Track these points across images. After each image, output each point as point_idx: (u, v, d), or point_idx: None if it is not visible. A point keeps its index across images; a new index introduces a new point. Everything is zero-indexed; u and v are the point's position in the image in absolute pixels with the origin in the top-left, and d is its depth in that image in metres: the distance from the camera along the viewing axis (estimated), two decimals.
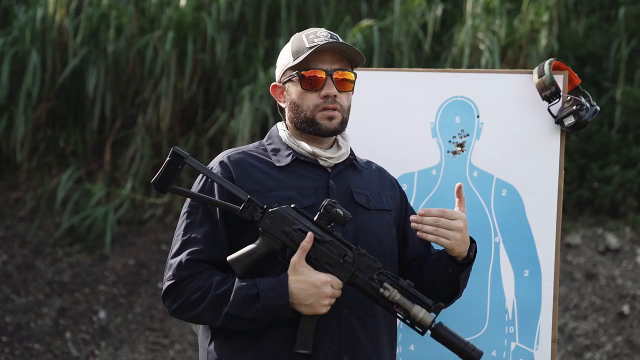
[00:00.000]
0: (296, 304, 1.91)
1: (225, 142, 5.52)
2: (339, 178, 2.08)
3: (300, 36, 2.09)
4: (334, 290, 1.93)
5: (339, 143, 2.12)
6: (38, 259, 5.35)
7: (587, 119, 2.37)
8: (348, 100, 2.08)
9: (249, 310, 1.91)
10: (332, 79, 2.04)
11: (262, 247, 1.95)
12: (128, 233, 5.48)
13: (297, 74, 2.06)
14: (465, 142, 2.50)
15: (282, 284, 1.91)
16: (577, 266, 5.06)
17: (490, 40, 5.36)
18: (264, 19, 5.77)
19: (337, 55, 2.06)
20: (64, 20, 5.69)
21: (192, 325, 5.03)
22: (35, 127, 5.78)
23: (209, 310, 1.94)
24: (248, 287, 1.92)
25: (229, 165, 2.04)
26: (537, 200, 2.44)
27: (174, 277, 1.97)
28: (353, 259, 1.94)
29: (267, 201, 1.98)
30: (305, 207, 1.99)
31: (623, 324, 4.80)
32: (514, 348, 2.42)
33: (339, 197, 2.04)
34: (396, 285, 1.94)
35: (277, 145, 2.10)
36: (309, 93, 2.04)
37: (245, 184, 2.00)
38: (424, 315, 1.92)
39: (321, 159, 2.07)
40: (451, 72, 2.65)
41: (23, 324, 4.97)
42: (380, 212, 2.10)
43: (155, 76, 5.65)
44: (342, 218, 1.93)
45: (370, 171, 2.18)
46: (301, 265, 1.92)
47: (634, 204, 5.36)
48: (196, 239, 1.98)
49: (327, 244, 1.94)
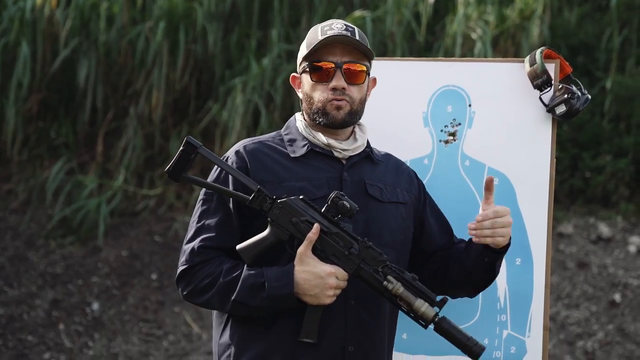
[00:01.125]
0: (301, 293, 1.95)
1: (217, 133, 5.51)
2: (353, 170, 2.10)
3: (316, 28, 2.11)
4: (339, 282, 1.96)
5: (355, 135, 2.14)
6: (30, 250, 5.34)
7: (578, 107, 2.38)
8: (360, 92, 2.09)
9: (255, 298, 1.95)
10: (342, 71, 2.05)
11: (270, 237, 1.98)
12: (121, 224, 5.47)
13: (308, 65, 2.08)
14: (457, 131, 2.50)
15: (288, 273, 1.95)
16: (569, 255, 5.08)
17: (482, 30, 5.36)
18: (257, 9, 5.75)
19: (349, 47, 2.06)
20: (54, 10, 5.66)
21: (185, 315, 5.03)
22: (26, 118, 5.75)
23: (217, 296, 1.99)
24: (255, 276, 1.96)
25: (244, 155, 2.07)
26: (529, 189, 2.45)
27: (187, 263, 2.03)
28: (359, 251, 1.97)
29: (279, 191, 2.01)
30: (318, 198, 2.02)
31: (615, 312, 4.82)
32: (505, 336, 2.43)
33: (352, 189, 2.07)
34: (400, 279, 1.96)
35: (293, 136, 2.12)
36: (319, 84, 2.07)
37: (259, 173, 2.04)
38: (427, 309, 1.94)
39: (336, 150, 2.09)
40: (443, 61, 2.65)
41: (16, 316, 4.96)
42: (394, 204, 2.12)
43: (147, 67, 5.63)
44: (349, 210, 1.95)
45: (387, 164, 2.20)
46: (307, 256, 1.96)
47: (626, 193, 5.39)
48: (209, 227, 2.03)
49: (334, 235, 1.97)
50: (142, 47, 5.61)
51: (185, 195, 5.58)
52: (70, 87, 5.80)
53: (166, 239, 5.37)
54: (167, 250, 5.32)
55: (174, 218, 5.45)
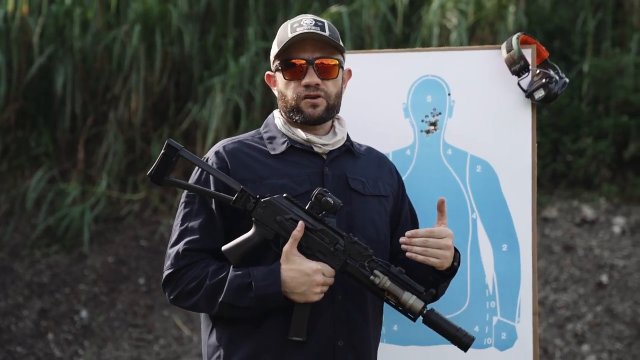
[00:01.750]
0: (288, 292, 1.94)
1: (199, 134, 5.49)
2: (334, 164, 2.09)
3: (286, 25, 2.10)
4: (326, 278, 1.95)
5: (335, 129, 2.13)
6: (15, 261, 5.29)
7: (556, 91, 2.39)
8: (335, 86, 2.08)
9: (242, 299, 1.94)
10: (314, 67, 2.03)
11: (255, 237, 1.98)
12: (106, 230, 5.44)
13: (280, 64, 2.07)
14: (438, 120, 2.51)
15: (274, 272, 1.94)
16: (555, 239, 5.11)
17: (458, 19, 5.37)
18: (232, 8, 5.73)
19: (320, 42, 2.05)
20: (26, 17, 5.61)
21: (175, 318, 5.00)
22: (5, 128, 5.70)
23: (204, 298, 1.98)
24: (242, 276, 1.95)
25: (224, 155, 2.06)
26: (512, 175, 2.46)
27: (172, 267, 2.02)
28: (344, 246, 1.97)
29: (261, 189, 2.00)
30: (300, 194, 2.02)
31: (602, 294, 4.86)
32: (496, 322, 2.44)
33: (334, 183, 2.06)
34: (387, 272, 1.96)
35: (272, 133, 2.12)
36: (292, 82, 2.06)
37: (240, 173, 2.03)
38: (415, 301, 1.94)
39: (316, 145, 2.08)
40: (420, 51, 2.65)
41: (4, 328, 4.92)
42: (376, 197, 2.12)
43: (124, 71, 5.59)
44: (333, 207, 1.95)
45: (369, 157, 2.19)
46: (293, 254, 1.95)
47: (608, 175, 5.42)
48: (193, 229, 2.02)
49: (319, 232, 1.97)
50: (118, 51, 5.58)
51: (169, 198, 5.56)
52: (48, 95, 5.76)
53: (152, 243, 5.34)
54: (154, 254, 5.29)
55: (159, 221, 5.43)
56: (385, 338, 2.46)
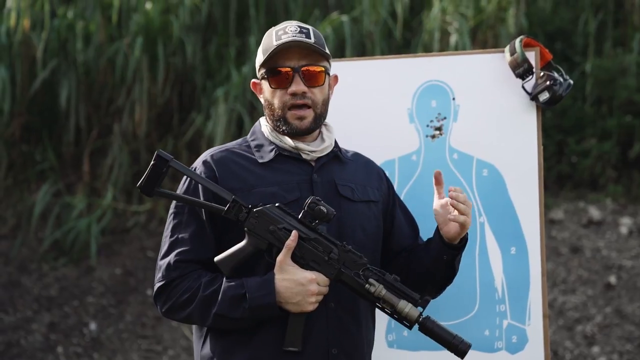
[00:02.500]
0: (283, 302, 1.92)
1: (203, 145, 5.50)
2: (323, 171, 2.07)
3: (271, 32, 2.08)
4: (320, 288, 1.94)
5: (323, 136, 2.11)
6: (24, 275, 5.30)
7: (561, 93, 2.40)
8: (322, 93, 2.06)
9: (236, 310, 1.92)
10: (300, 75, 2.01)
11: (248, 247, 1.95)
12: (112, 242, 5.45)
13: (266, 72, 2.05)
14: (443, 125, 2.51)
15: (269, 283, 1.92)
16: (562, 241, 5.10)
17: (459, 23, 5.38)
18: (233, 18, 5.75)
19: (306, 50, 2.03)
20: (28, 32, 5.63)
21: (184, 329, 4.99)
22: (10, 143, 5.72)
23: (198, 310, 1.95)
24: (235, 287, 1.93)
25: (212, 164, 2.03)
26: (518, 178, 2.46)
27: (164, 279, 1.99)
28: (338, 255, 1.95)
29: (250, 198, 1.98)
30: (290, 201, 2.00)
31: (611, 295, 4.85)
32: (506, 326, 2.44)
33: (323, 190, 2.04)
34: (382, 281, 1.94)
35: (260, 141, 2.09)
36: (278, 90, 2.03)
37: (229, 182, 2.00)
38: (410, 309, 1.93)
39: (304, 152, 2.06)
40: (424, 56, 2.66)
41: (13, 342, 4.93)
42: (365, 203, 2.10)
43: (127, 83, 5.61)
44: (326, 215, 1.93)
45: (357, 163, 2.17)
46: (287, 264, 1.93)
47: (613, 175, 5.42)
48: (183, 240, 1.99)
49: (312, 241, 1.95)
50: (121, 63, 5.59)
51: None
52: (52, 109, 5.78)
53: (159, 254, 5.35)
54: None
55: None
56: (395, 344, 2.47)
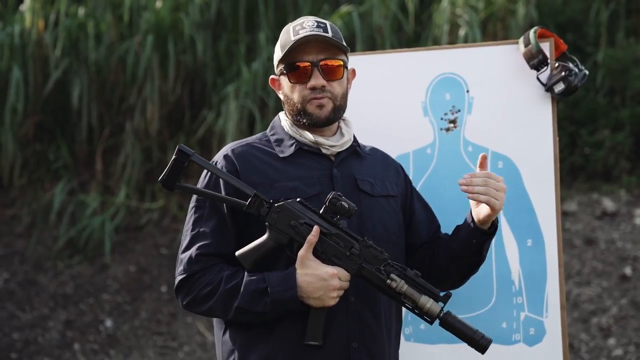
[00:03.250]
0: (304, 297, 1.93)
1: (214, 141, 5.51)
2: (343, 166, 2.08)
3: (288, 28, 2.10)
4: (342, 283, 1.94)
5: (342, 130, 2.12)
6: (39, 273, 5.33)
7: (576, 84, 2.38)
8: (341, 87, 2.07)
9: (258, 304, 1.93)
10: (319, 69, 2.03)
11: (269, 242, 1.96)
12: (126, 240, 5.47)
13: (285, 67, 2.07)
14: (457, 117, 2.51)
15: (290, 277, 1.93)
16: (576, 233, 5.08)
17: (469, 15, 5.36)
18: (242, 15, 5.75)
19: (324, 44, 2.04)
20: (43, 33, 5.66)
21: (199, 325, 5.01)
22: (23, 142, 5.75)
23: (219, 304, 1.96)
24: (257, 282, 1.94)
25: (233, 159, 2.05)
26: (534, 169, 2.45)
27: (185, 272, 2.01)
28: (360, 250, 1.96)
29: (272, 193, 1.99)
30: (310, 196, 2.01)
31: (626, 286, 4.82)
32: (523, 318, 2.44)
33: (343, 185, 2.05)
34: (403, 276, 1.95)
35: (280, 136, 2.11)
36: (298, 85, 2.05)
37: (250, 176, 2.02)
38: (432, 305, 1.94)
39: (324, 147, 2.07)
40: (437, 49, 2.65)
41: (31, 340, 4.96)
42: (385, 198, 2.11)
43: (138, 81, 5.62)
44: (348, 211, 1.94)
45: (375, 158, 2.18)
46: (308, 259, 1.94)
47: (627, 166, 5.39)
48: (205, 233, 2.01)
49: (334, 236, 1.96)
50: (132, 62, 5.61)
51: (187, 205, 5.57)
52: (65, 108, 5.80)
53: (172, 251, 5.37)
54: (175, 261, 5.30)
55: (178, 229, 5.45)
56: (412, 337, 2.46)
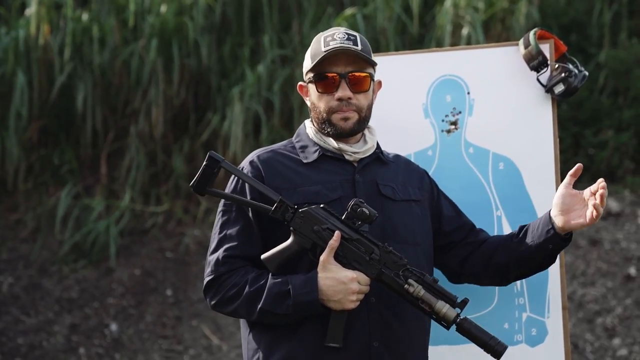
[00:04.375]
0: (325, 299, 2.00)
1: (219, 145, 5.52)
2: (365, 171, 2.15)
3: (319, 38, 2.16)
4: (361, 287, 2.01)
5: (365, 138, 2.19)
6: (44, 278, 5.35)
7: (576, 85, 2.39)
8: (367, 99, 2.14)
9: (281, 306, 2.00)
10: (346, 81, 2.09)
11: (293, 246, 2.04)
12: (131, 244, 5.48)
13: (314, 77, 2.13)
14: (458, 119, 2.52)
15: (312, 281, 2.00)
16: (580, 233, 5.08)
17: (472, 17, 5.36)
18: (247, 18, 5.77)
19: (352, 57, 2.10)
20: (48, 37, 5.68)
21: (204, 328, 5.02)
22: (28, 147, 5.78)
23: (244, 305, 2.04)
24: (280, 284, 2.02)
25: (258, 164, 2.13)
26: (535, 170, 2.46)
27: (213, 273, 2.09)
28: (380, 256, 2.02)
29: (295, 196, 2.07)
30: (332, 200, 2.08)
31: (631, 287, 4.82)
32: (525, 319, 2.44)
33: (365, 189, 2.12)
34: (421, 282, 2.01)
35: (304, 142, 2.18)
36: (325, 95, 2.12)
37: (274, 181, 2.10)
38: (448, 310, 1.99)
39: (347, 153, 2.14)
40: (438, 51, 2.66)
41: (36, 344, 4.98)
42: (407, 202, 2.17)
43: (143, 85, 5.65)
44: (369, 217, 2.01)
45: (397, 164, 2.25)
46: (329, 263, 2.01)
47: (631, 167, 5.38)
48: (231, 236, 2.09)
49: (355, 242, 2.03)
50: (136, 65, 5.63)
51: (192, 209, 5.60)
52: (69, 112, 5.82)
53: (177, 254, 5.38)
54: (180, 265, 5.33)
55: (183, 233, 5.47)
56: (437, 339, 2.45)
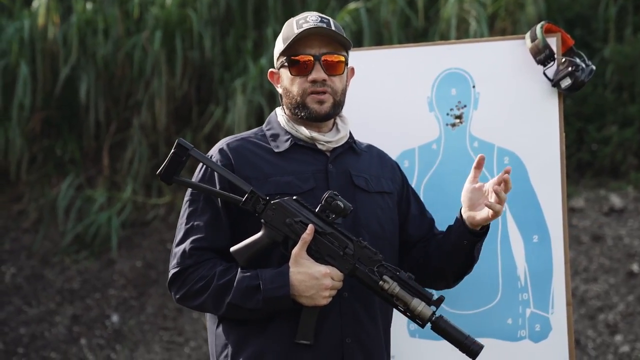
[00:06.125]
0: (297, 295, 1.93)
1: (221, 137, 5.50)
2: (338, 162, 2.08)
3: (291, 22, 2.09)
4: (334, 282, 1.94)
5: (338, 127, 2.12)
6: (46, 268, 5.35)
7: (583, 79, 2.37)
8: (341, 82, 2.07)
9: (250, 301, 1.93)
10: (320, 63, 2.02)
11: (264, 239, 1.96)
12: (133, 235, 5.48)
13: (286, 60, 2.06)
14: (463, 113, 2.50)
15: (283, 275, 1.93)
16: (583, 229, 5.06)
17: (477, 11, 5.34)
18: (251, 10, 5.75)
19: (327, 38, 2.04)
20: (55, 28, 5.67)
21: (205, 320, 5.01)
22: (31, 138, 5.77)
23: (212, 299, 1.96)
24: (250, 278, 1.94)
25: (228, 153, 2.05)
26: (540, 165, 2.44)
27: (179, 265, 2.00)
28: (354, 251, 1.96)
29: (266, 187, 1.99)
30: (305, 191, 2.01)
31: (634, 283, 4.81)
32: (529, 314, 2.43)
33: (338, 180, 2.05)
34: (396, 278, 1.95)
35: (276, 131, 2.10)
36: (298, 78, 2.04)
37: (244, 170, 2.02)
38: (423, 308, 1.93)
39: (319, 143, 2.07)
40: (443, 44, 2.64)
41: (37, 334, 4.98)
42: (380, 194, 2.11)
43: (146, 77, 5.63)
44: (343, 210, 1.94)
45: (371, 154, 2.18)
46: (302, 257, 1.94)
47: (635, 162, 5.36)
48: (199, 227, 2.00)
49: (329, 236, 1.96)
50: (139, 57, 5.61)
51: None
52: (72, 103, 5.81)
53: None
54: None
55: None
56: (417, 333, 2.46)
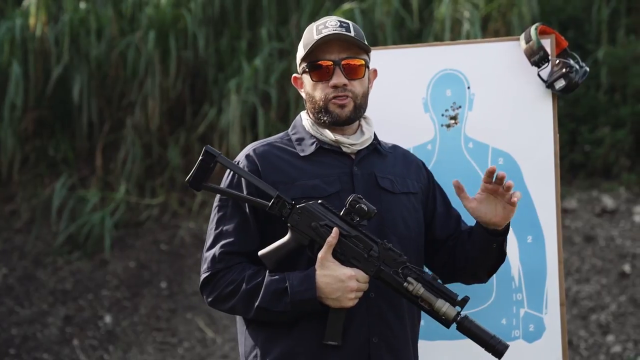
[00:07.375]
0: (323, 297, 1.97)
1: (215, 137, 5.51)
2: (363, 164, 2.12)
3: (311, 27, 2.13)
4: (360, 284, 1.98)
5: (362, 129, 2.16)
6: (39, 269, 5.33)
7: (577, 80, 2.39)
8: (362, 86, 2.11)
9: (278, 304, 1.98)
10: (341, 68, 2.07)
11: (291, 242, 2.01)
12: (126, 236, 5.47)
13: (307, 66, 2.10)
14: (458, 114, 2.51)
15: (310, 278, 1.98)
16: (576, 230, 5.09)
17: (471, 12, 5.35)
18: (245, 10, 5.75)
19: (346, 43, 2.08)
20: (45, 28, 5.65)
21: (198, 321, 5.01)
22: (23, 138, 5.75)
23: (241, 303, 2.02)
24: (277, 282, 1.99)
25: (254, 158, 2.09)
26: (534, 166, 2.46)
27: (209, 270, 2.05)
28: (378, 253, 1.99)
29: (292, 191, 2.04)
30: (330, 194, 2.05)
31: (626, 283, 4.83)
32: (523, 314, 2.44)
33: (363, 182, 2.09)
34: (420, 279, 1.98)
35: (301, 135, 2.15)
36: (320, 83, 2.09)
37: (271, 175, 2.06)
38: (448, 308, 1.96)
39: (344, 145, 2.11)
40: (438, 45, 2.65)
41: (29, 335, 4.96)
42: (406, 195, 2.14)
43: (139, 77, 5.62)
44: (367, 213, 1.98)
45: (395, 155, 2.22)
46: (327, 260, 1.98)
47: (627, 164, 5.39)
48: (228, 232, 2.06)
49: (353, 238, 2.00)
50: (133, 57, 5.60)
51: (187, 201, 5.58)
52: (65, 103, 5.80)
53: (172, 247, 5.37)
54: (174, 257, 5.32)
55: (178, 225, 5.45)
56: None
